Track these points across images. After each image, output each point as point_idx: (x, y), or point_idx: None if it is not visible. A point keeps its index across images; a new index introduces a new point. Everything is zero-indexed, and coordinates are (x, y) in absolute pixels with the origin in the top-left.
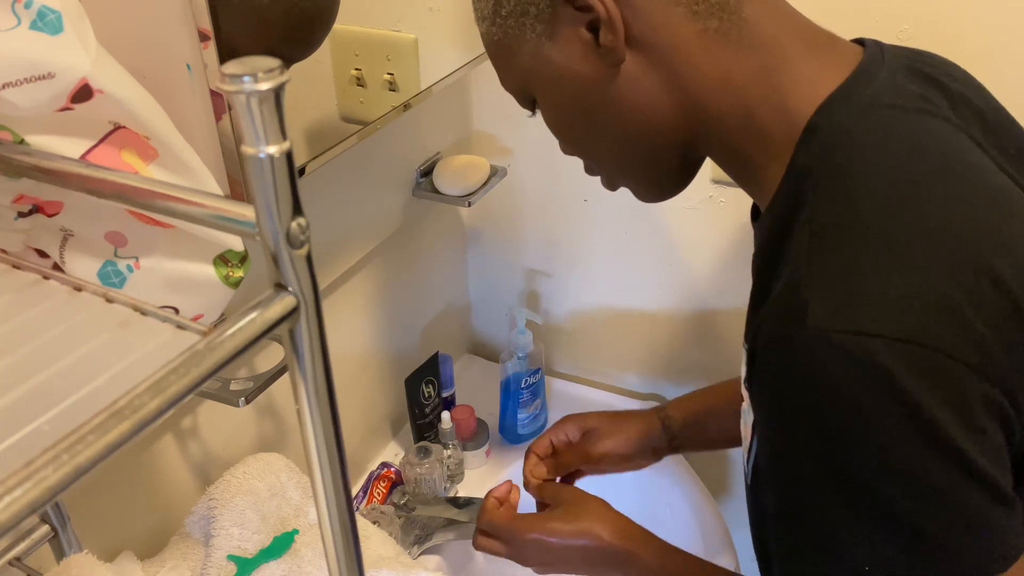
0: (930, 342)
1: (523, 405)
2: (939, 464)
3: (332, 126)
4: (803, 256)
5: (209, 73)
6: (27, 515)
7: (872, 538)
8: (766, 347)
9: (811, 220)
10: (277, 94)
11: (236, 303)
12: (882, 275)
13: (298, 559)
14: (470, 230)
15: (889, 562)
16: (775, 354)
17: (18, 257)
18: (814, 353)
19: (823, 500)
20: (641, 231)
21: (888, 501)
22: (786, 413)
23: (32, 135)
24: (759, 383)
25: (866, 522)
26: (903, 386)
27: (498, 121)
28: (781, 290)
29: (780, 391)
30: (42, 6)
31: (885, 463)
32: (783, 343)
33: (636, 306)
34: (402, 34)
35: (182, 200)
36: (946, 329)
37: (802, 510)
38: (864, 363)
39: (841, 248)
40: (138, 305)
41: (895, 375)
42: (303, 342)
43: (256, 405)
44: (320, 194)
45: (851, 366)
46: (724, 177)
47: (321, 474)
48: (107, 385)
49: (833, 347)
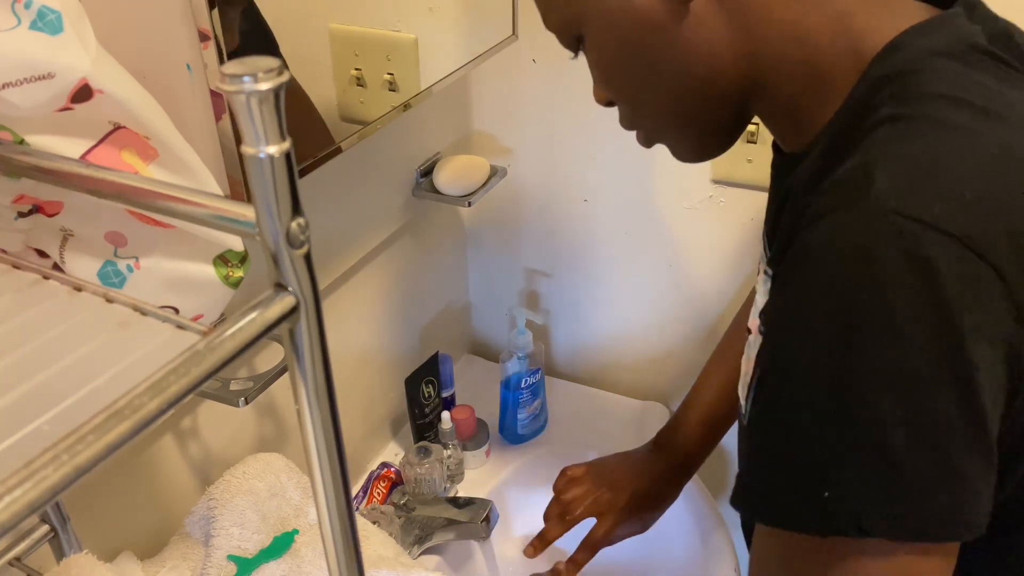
0: (989, 256)
1: (523, 405)
2: (946, 386)
3: (332, 126)
4: (878, 143)
5: (209, 73)
6: (27, 515)
7: (843, 458)
8: (817, 217)
9: (891, 116)
10: (277, 94)
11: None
12: (963, 175)
13: (298, 559)
14: (470, 230)
15: (851, 492)
16: (825, 222)
17: (18, 257)
18: (867, 228)
19: (810, 398)
20: (641, 231)
21: (878, 419)
22: (810, 288)
23: (32, 135)
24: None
25: (845, 437)
26: (944, 290)
27: (498, 121)
28: (845, 171)
29: (816, 263)
30: (42, 6)
31: (894, 367)
32: (838, 212)
33: (636, 306)
34: (402, 34)
35: (182, 200)
36: (1008, 254)
37: (783, 409)
38: (914, 255)
39: (923, 138)
40: (138, 305)
41: (940, 275)
42: (303, 342)
43: (256, 405)
44: (320, 194)
45: (898, 253)
46: (724, 177)
47: (321, 474)
48: (107, 385)
49: (888, 226)
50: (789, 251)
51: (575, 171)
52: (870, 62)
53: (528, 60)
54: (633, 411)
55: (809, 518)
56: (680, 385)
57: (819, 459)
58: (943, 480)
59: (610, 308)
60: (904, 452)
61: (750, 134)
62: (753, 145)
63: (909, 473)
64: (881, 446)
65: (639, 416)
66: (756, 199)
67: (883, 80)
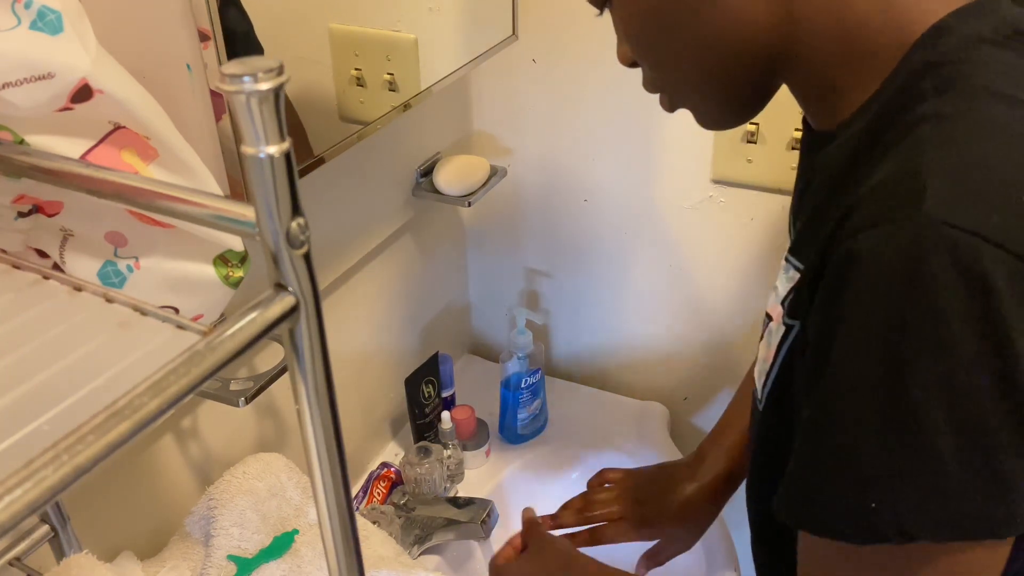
0: None
1: (523, 405)
2: (998, 403)
3: (332, 126)
4: (924, 145)
5: (209, 73)
6: (27, 515)
7: (891, 470)
8: (861, 229)
9: (937, 114)
10: (277, 94)
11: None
12: (1018, 182)
13: (298, 559)
14: (470, 230)
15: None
16: (872, 234)
17: (18, 257)
18: (919, 241)
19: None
20: (641, 231)
21: (929, 426)
22: (861, 302)
23: (32, 135)
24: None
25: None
26: (999, 307)
27: (498, 121)
28: (890, 175)
29: (867, 276)
30: (42, 6)
31: (946, 381)
32: (886, 224)
33: (636, 306)
34: (402, 34)
35: (182, 200)
36: None
37: (832, 423)
38: (969, 269)
39: (973, 143)
40: (138, 305)
41: (996, 292)
42: (303, 342)
43: (256, 405)
44: (320, 194)
45: (952, 266)
46: (724, 177)
47: (321, 474)
48: (107, 385)
49: (942, 240)
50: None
51: (575, 171)
52: (912, 45)
53: (528, 60)
54: (633, 411)
55: (854, 529)
56: (680, 385)
57: (867, 471)
58: (989, 486)
59: (610, 308)
60: (952, 461)
61: (750, 134)
62: (753, 145)
63: (956, 480)
64: (929, 456)
65: (639, 416)
66: (756, 199)
67: (927, 68)
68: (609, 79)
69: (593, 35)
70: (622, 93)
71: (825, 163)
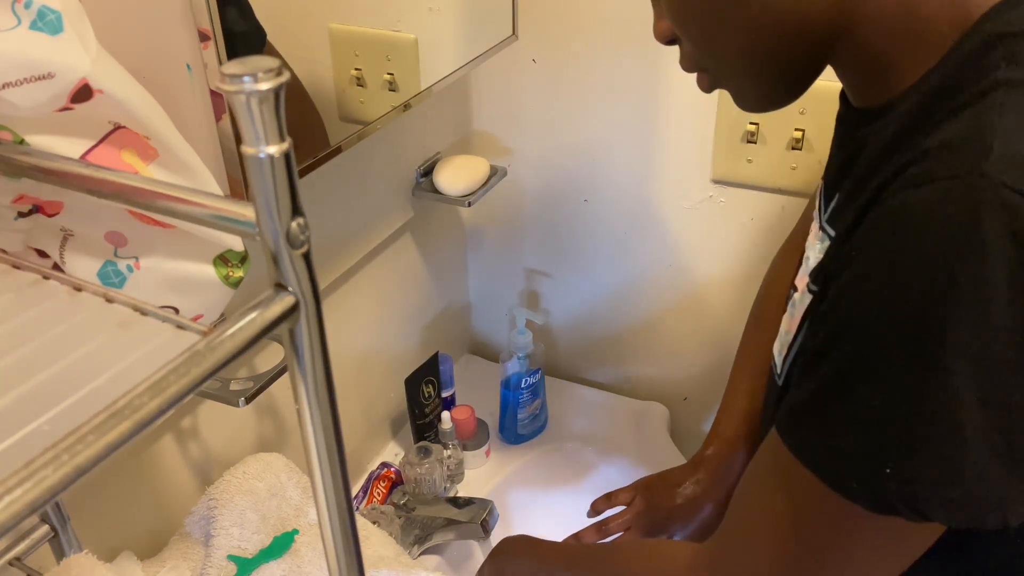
0: None
1: (523, 405)
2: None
3: (332, 126)
4: (993, 109)
5: (209, 73)
6: (27, 515)
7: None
8: (923, 181)
9: (1008, 80)
10: (277, 94)
11: (236, 303)
12: None
13: (298, 559)
14: (470, 230)
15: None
16: (933, 188)
17: (18, 257)
18: (976, 200)
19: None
20: (641, 231)
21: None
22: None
23: (32, 135)
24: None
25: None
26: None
27: (498, 121)
28: (956, 135)
29: (918, 228)
30: (42, 6)
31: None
32: (944, 180)
33: (636, 306)
34: (402, 34)
35: (182, 200)
36: None
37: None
38: (1020, 232)
39: None
40: (138, 305)
41: None
42: (303, 342)
43: (256, 405)
44: (320, 194)
45: (1004, 228)
46: (724, 177)
47: (321, 474)
48: (107, 385)
49: (1000, 202)
50: (878, 208)
51: (575, 171)
52: (978, 19)
53: (528, 60)
54: (633, 411)
55: (865, 492)
56: (680, 385)
57: (888, 432)
58: (1004, 466)
59: (610, 308)
60: (973, 434)
61: (750, 134)
62: (753, 145)
63: (973, 455)
64: (952, 425)
65: (639, 416)
66: (756, 199)
67: (998, 39)
68: (609, 79)
69: (593, 35)
70: (622, 93)
71: (876, 137)
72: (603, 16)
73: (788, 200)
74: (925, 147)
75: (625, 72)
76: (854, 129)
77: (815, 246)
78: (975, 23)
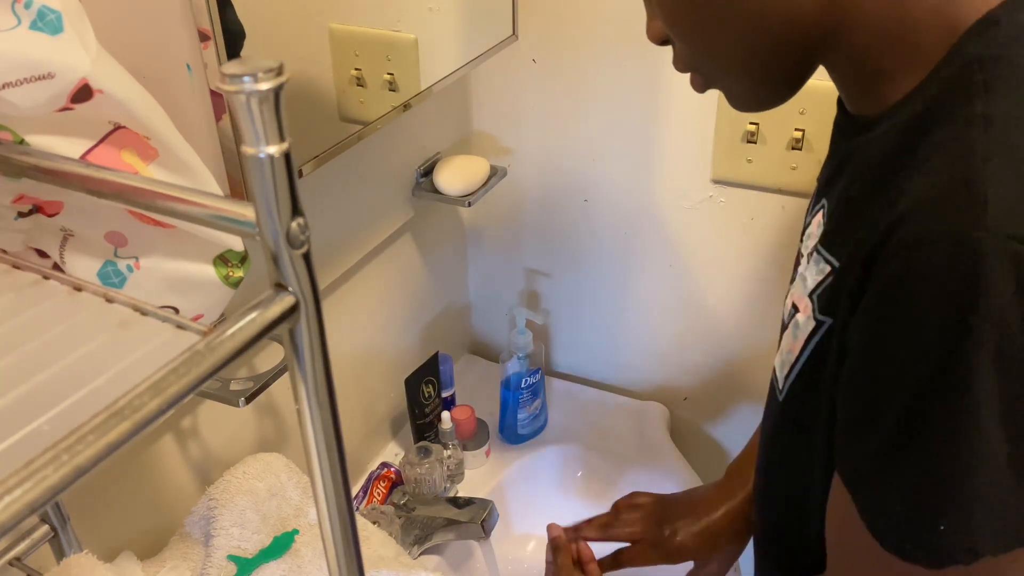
0: None
1: (523, 405)
2: None
3: (332, 126)
4: (975, 152)
5: (209, 73)
6: (27, 515)
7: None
8: (919, 243)
9: (985, 116)
10: (277, 94)
11: (236, 303)
12: None
13: (298, 559)
14: (470, 230)
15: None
16: (933, 248)
17: (18, 257)
18: (984, 256)
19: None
20: (641, 231)
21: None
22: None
23: (32, 135)
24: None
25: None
26: None
27: (498, 121)
28: (944, 184)
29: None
30: (42, 6)
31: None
32: (946, 238)
33: (636, 306)
34: (402, 34)
35: (182, 200)
36: None
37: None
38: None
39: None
40: (138, 305)
41: None
42: (303, 342)
43: (256, 405)
44: (320, 194)
45: (1014, 282)
46: (724, 177)
47: (321, 474)
48: (107, 385)
49: (1006, 255)
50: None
51: (575, 171)
52: (963, 34)
53: (528, 60)
54: (633, 411)
55: (924, 553)
56: (680, 385)
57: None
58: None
59: (610, 308)
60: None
61: (750, 134)
62: (753, 145)
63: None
64: (989, 470)
65: (639, 416)
66: (756, 199)
67: (978, 62)
68: (609, 79)
69: (593, 35)
70: (622, 93)
71: (866, 153)
72: (603, 16)
73: (788, 200)
74: (913, 199)
75: (625, 72)
76: (848, 138)
77: (811, 266)
78: (960, 38)
